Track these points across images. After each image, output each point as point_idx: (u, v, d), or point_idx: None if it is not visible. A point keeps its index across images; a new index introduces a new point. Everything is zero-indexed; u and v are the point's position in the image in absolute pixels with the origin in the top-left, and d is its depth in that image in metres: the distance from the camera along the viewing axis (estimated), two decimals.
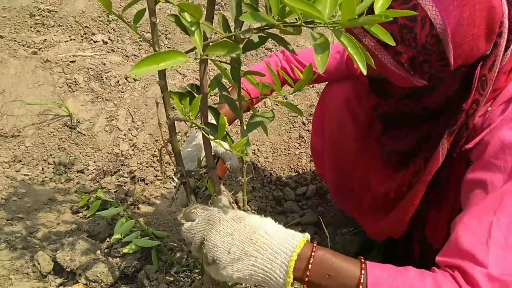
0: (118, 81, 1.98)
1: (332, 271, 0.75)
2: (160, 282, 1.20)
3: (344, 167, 1.31)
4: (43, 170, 1.74)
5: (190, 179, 1.01)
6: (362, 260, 0.76)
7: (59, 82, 1.96)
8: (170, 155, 0.90)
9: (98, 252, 1.25)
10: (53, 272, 1.23)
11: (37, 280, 1.20)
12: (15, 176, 1.68)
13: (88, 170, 1.74)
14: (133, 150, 1.79)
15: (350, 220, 1.48)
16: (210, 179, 0.92)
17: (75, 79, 1.97)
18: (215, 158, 1.16)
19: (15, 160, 1.75)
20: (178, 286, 1.20)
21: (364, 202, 1.20)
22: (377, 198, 1.12)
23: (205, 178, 1.14)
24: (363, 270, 0.74)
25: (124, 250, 1.26)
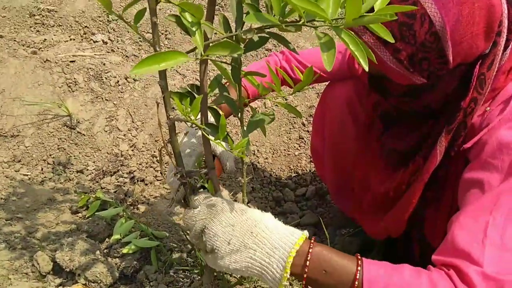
0: (118, 81, 1.98)
1: (329, 267, 0.76)
2: (159, 283, 1.20)
3: (345, 167, 1.31)
4: (42, 170, 1.74)
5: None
6: (359, 257, 0.77)
7: (59, 82, 1.96)
8: (170, 155, 0.89)
9: (98, 252, 1.24)
10: (52, 272, 1.23)
11: (36, 280, 1.20)
12: (15, 176, 1.68)
13: (87, 170, 1.74)
14: (132, 151, 1.79)
15: (349, 221, 1.48)
16: (210, 179, 0.92)
17: (74, 79, 1.97)
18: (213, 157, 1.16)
19: (14, 160, 1.75)
20: (177, 287, 1.20)
21: (364, 202, 1.20)
22: (376, 198, 1.12)
23: (204, 178, 1.14)
24: (359, 267, 0.75)
25: (124, 251, 1.26)
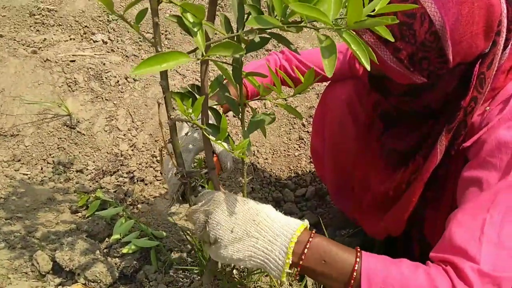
0: (118, 81, 1.98)
1: (328, 257, 0.77)
2: (159, 282, 1.20)
3: (345, 168, 1.32)
4: (42, 169, 1.74)
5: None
6: (358, 250, 0.78)
7: (59, 82, 1.96)
8: (170, 155, 0.89)
9: (97, 252, 1.24)
10: (52, 271, 1.23)
11: (36, 280, 1.20)
12: (14, 175, 1.68)
13: (87, 170, 1.74)
14: (132, 150, 1.79)
15: (349, 221, 1.48)
16: (211, 180, 0.92)
17: (74, 78, 1.97)
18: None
19: (14, 159, 1.75)
20: (177, 287, 1.20)
21: (364, 201, 1.21)
22: (376, 197, 1.12)
23: (205, 178, 1.14)
24: (358, 259, 0.76)
25: (123, 250, 1.26)
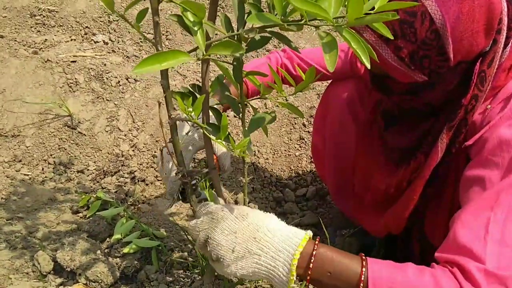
0: (119, 81, 1.98)
1: (333, 268, 0.76)
2: (160, 283, 1.20)
3: (345, 167, 1.32)
4: (43, 170, 1.74)
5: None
6: (363, 257, 0.77)
7: (60, 82, 1.96)
8: (171, 155, 0.90)
9: (98, 252, 1.24)
10: (53, 272, 1.23)
11: (37, 280, 1.20)
12: (15, 175, 1.68)
13: (88, 170, 1.74)
14: (133, 151, 1.79)
15: (349, 221, 1.48)
16: (211, 179, 0.92)
17: (75, 79, 1.97)
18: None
19: (15, 160, 1.75)
20: (178, 286, 1.20)
21: (364, 200, 1.20)
22: (377, 195, 1.12)
23: (206, 178, 1.14)
24: (363, 268, 0.75)
25: (124, 250, 1.26)
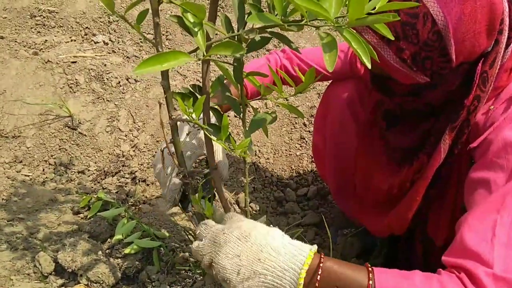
0: (119, 82, 1.98)
1: (339, 282, 0.76)
2: (161, 283, 1.20)
3: (346, 167, 1.31)
4: (44, 170, 1.74)
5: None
6: (369, 268, 0.76)
7: (60, 83, 1.96)
8: (172, 155, 0.90)
9: (100, 252, 1.24)
10: (54, 272, 1.23)
11: (38, 281, 1.20)
12: (16, 176, 1.68)
13: (89, 170, 1.74)
14: (134, 151, 1.79)
15: (351, 221, 1.48)
16: (213, 180, 0.92)
17: (76, 79, 1.97)
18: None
19: (16, 161, 1.75)
20: (179, 287, 1.20)
21: (365, 200, 1.20)
22: (379, 195, 1.12)
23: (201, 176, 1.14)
24: (370, 281, 0.74)
25: (126, 251, 1.26)
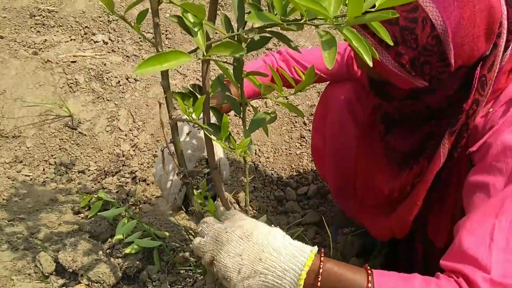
0: (119, 81, 1.98)
1: (339, 283, 0.76)
2: (162, 282, 1.20)
3: (346, 168, 1.31)
4: (44, 170, 1.74)
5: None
6: (369, 271, 0.77)
7: (60, 83, 1.96)
8: (172, 155, 0.90)
9: (100, 252, 1.24)
10: (55, 272, 1.23)
11: (39, 281, 1.20)
12: (16, 176, 1.68)
13: (89, 170, 1.74)
14: (134, 151, 1.79)
15: (351, 220, 1.48)
16: (213, 179, 0.92)
17: (75, 79, 1.97)
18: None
19: (16, 161, 1.75)
20: (180, 287, 1.20)
21: (366, 202, 1.20)
22: (380, 198, 1.12)
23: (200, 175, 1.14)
24: (369, 283, 0.75)
25: (126, 251, 1.26)
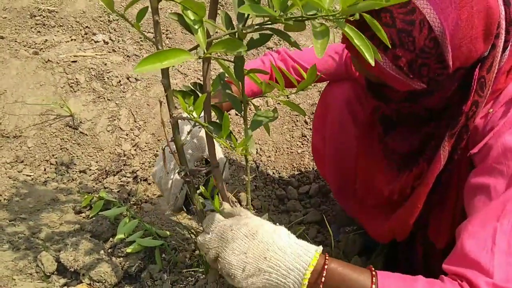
0: (120, 81, 1.98)
1: (343, 283, 0.76)
2: (163, 282, 1.20)
3: (346, 168, 1.30)
4: (45, 170, 1.74)
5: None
6: (373, 272, 0.77)
7: (61, 82, 1.96)
8: (174, 154, 0.89)
9: (102, 252, 1.24)
10: (56, 272, 1.23)
11: (40, 281, 1.20)
12: (17, 176, 1.68)
13: (90, 170, 1.74)
14: (135, 150, 1.79)
15: (353, 219, 1.47)
16: (214, 178, 0.92)
17: (76, 79, 1.97)
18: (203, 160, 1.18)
19: (17, 161, 1.75)
20: (182, 286, 1.20)
21: (366, 202, 1.19)
22: (380, 200, 1.11)
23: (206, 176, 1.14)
24: (373, 285, 0.75)
25: (128, 250, 1.26)
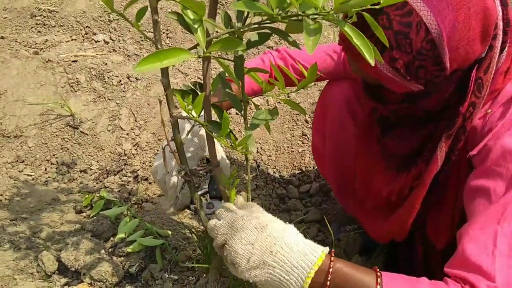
0: (120, 80, 1.98)
1: (348, 283, 0.76)
2: (164, 281, 1.20)
3: (346, 168, 1.30)
4: (46, 170, 1.74)
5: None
6: (378, 273, 0.77)
7: (61, 82, 1.96)
8: (174, 153, 0.89)
9: (102, 251, 1.25)
10: (57, 271, 1.23)
11: (41, 280, 1.20)
12: (18, 176, 1.68)
13: (91, 169, 1.74)
14: (136, 150, 1.79)
15: (353, 218, 1.47)
16: (214, 177, 0.92)
17: (77, 79, 1.97)
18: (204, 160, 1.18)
19: (18, 161, 1.75)
20: (182, 285, 1.20)
21: (366, 202, 1.19)
22: (379, 199, 1.11)
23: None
24: (378, 286, 0.75)
25: (128, 249, 1.26)
